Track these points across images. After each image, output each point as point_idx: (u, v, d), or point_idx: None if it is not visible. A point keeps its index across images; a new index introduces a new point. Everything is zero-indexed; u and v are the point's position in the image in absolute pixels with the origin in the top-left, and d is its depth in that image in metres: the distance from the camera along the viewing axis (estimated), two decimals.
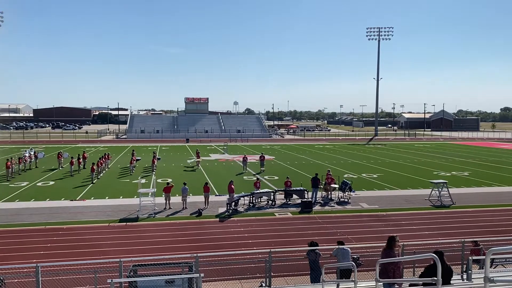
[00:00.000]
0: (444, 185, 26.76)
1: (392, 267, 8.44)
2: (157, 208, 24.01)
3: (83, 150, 53.07)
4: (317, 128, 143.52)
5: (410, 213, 24.08)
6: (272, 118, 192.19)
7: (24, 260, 15.56)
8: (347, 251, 12.79)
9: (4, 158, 44.09)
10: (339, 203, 26.42)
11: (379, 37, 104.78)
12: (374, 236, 19.55)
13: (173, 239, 19.22)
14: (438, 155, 57.31)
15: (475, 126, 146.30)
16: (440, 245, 15.66)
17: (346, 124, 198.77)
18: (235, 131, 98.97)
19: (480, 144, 79.41)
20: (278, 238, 19.14)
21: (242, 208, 24.89)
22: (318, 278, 11.83)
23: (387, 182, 34.33)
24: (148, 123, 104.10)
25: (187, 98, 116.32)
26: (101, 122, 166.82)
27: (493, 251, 4.69)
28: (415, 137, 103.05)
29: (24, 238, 19.01)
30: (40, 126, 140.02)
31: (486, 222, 22.22)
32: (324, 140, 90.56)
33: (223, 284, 12.58)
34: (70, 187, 31.43)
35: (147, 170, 40.86)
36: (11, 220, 21.95)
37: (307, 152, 60.61)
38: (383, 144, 79.06)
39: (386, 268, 8.46)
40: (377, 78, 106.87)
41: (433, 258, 6.30)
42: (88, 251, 17.23)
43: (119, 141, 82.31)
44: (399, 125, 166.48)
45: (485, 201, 27.40)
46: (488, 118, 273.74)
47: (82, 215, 23.16)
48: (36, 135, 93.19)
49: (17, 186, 31.49)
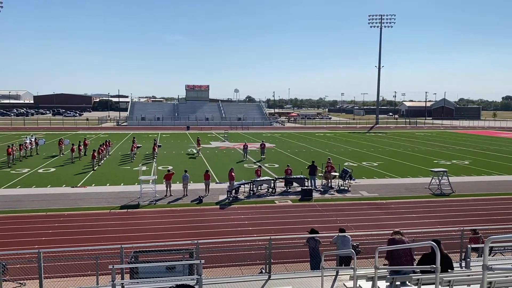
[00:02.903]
0: (444, 173, 26.80)
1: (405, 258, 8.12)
2: (158, 195, 24.10)
3: (84, 137, 53.09)
4: (318, 116, 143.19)
5: (410, 201, 24.16)
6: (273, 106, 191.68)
7: (25, 246, 15.67)
8: (347, 238, 12.86)
9: (5, 144, 44.15)
10: (339, 191, 26.49)
11: (381, 24, 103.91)
12: (374, 224, 19.66)
13: (173, 226, 19.33)
14: (438, 143, 57.29)
15: (476, 114, 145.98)
16: (439, 233, 15.75)
17: (347, 112, 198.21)
18: (236, 118, 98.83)
19: (481, 133, 79.31)
20: (278, 226, 19.25)
21: (243, 195, 24.97)
22: (318, 265, 11.91)
23: (387, 170, 34.38)
24: (148, 110, 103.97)
25: (187, 86, 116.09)
26: (101, 109, 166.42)
27: (492, 239, 4.71)
28: (416, 125, 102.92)
29: (25, 224, 19.12)
30: (41, 113, 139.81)
31: (486, 211, 22.31)
32: (324, 128, 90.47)
33: (224, 270, 12.67)
34: (71, 173, 31.51)
35: (147, 157, 40.92)
36: (12, 206, 22.06)
37: (308, 140, 60.60)
38: (384, 132, 79.00)
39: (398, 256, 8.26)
40: (378, 66, 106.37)
41: (432, 246, 6.33)
42: (89, 237, 17.34)
43: (120, 128, 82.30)
44: (400, 114, 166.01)
45: (485, 189, 27.46)
46: (490, 107, 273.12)
47: (83, 201, 23.26)
48: (36, 121, 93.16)
49: (18, 173, 31.58)
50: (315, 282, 10.50)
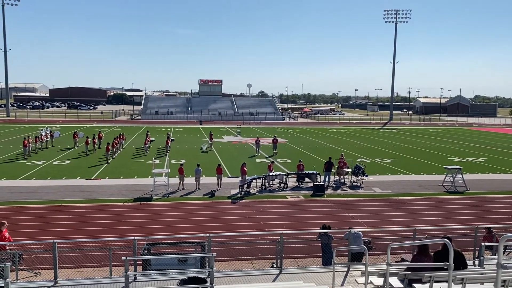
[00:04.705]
0: (458, 171, 26.49)
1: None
2: (171, 188, 24.28)
3: (99, 130, 53.64)
4: (331, 112, 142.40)
5: (423, 199, 23.96)
6: (286, 101, 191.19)
7: (41, 237, 15.91)
8: (359, 234, 12.83)
9: (21, 136, 44.82)
10: (352, 187, 26.38)
11: (396, 19, 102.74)
12: (386, 220, 19.56)
13: (186, 219, 19.47)
14: (453, 140, 56.61)
15: (492, 112, 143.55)
16: (453, 231, 15.60)
17: (360, 108, 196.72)
18: (249, 113, 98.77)
19: (497, 130, 78.12)
20: (289, 221, 19.26)
21: (254, 190, 25.01)
22: (330, 260, 11.92)
23: (400, 167, 34.10)
24: (162, 104, 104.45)
25: (201, 80, 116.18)
26: (116, 103, 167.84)
27: (507, 238, 4.66)
28: (431, 122, 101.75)
29: (41, 215, 19.44)
30: (56, 105, 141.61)
31: (500, 209, 22.02)
32: (338, 124, 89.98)
33: (235, 264, 12.74)
34: (86, 166, 31.90)
35: (161, 151, 41.20)
36: (28, 197, 22.43)
37: (320, 136, 60.37)
38: (398, 129, 78.28)
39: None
40: (393, 62, 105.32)
41: (445, 242, 6.28)
42: (103, 229, 17.57)
43: (134, 122, 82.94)
44: (415, 110, 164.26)
45: (500, 187, 27.09)
46: (506, 104, 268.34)
47: (97, 194, 23.54)
48: (52, 114, 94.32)
49: (34, 165, 32.06)
50: (326, 277, 10.51)
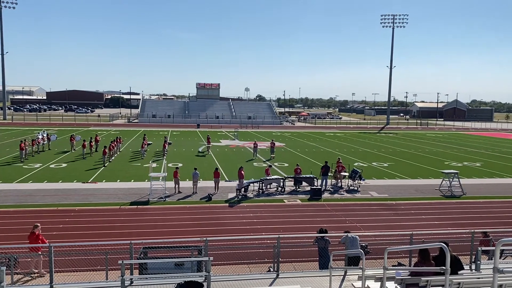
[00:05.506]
0: (455, 175, 26.56)
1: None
2: (168, 192, 24.22)
3: (96, 133, 53.52)
4: (328, 116, 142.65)
5: (420, 203, 23.98)
6: (283, 105, 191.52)
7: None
8: (356, 238, 12.83)
9: (18, 139, 44.68)
10: (349, 191, 26.39)
11: (394, 24, 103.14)
12: (383, 224, 19.56)
13: (183, 223, 19.42)
14: (450, 145, 56.76)
15: (489, 116, 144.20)
16: (450, 235, 15.62)
17: (357, 112, 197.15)
18: (246, 117, 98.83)
19: (493, 135, 78.40)
20: (286, 225, 19.24)
21: (252, 194, 24.99)
22: (327, 264, 11.91)
23: (397, 171, 34.16)
24: (159, 107, 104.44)
25: (198, 84, 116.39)
26: (113, 106, 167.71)
27: (503, 242, 4.66)
28: (427, 126, 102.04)
29: (37, 218, 19.30)
30: (53, 109, 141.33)
31: (497, 213, 22.06)
32: (335, 128, 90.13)
33: (232, 268, 12.72)
34: (82, 169, 31.80)
35: (158, 154, 41.14)
36: (24, 200, 22.34)
37: (318, 140, 60.43)
38: (395, 133, 78.45)
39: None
40: (390, 66, 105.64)
41: (442, 247, 6.28)
42: (99, 232, 17.50)
43: (131, 125, 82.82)
44: (412, 114, 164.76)
45: (497, 192, 27.15)
46: (503, 109, 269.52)
47: (93, 197, 23.47)
48: (49, 117, 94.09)
49: (31, 168, 31.95)
50: (323, 282, 10.50)
